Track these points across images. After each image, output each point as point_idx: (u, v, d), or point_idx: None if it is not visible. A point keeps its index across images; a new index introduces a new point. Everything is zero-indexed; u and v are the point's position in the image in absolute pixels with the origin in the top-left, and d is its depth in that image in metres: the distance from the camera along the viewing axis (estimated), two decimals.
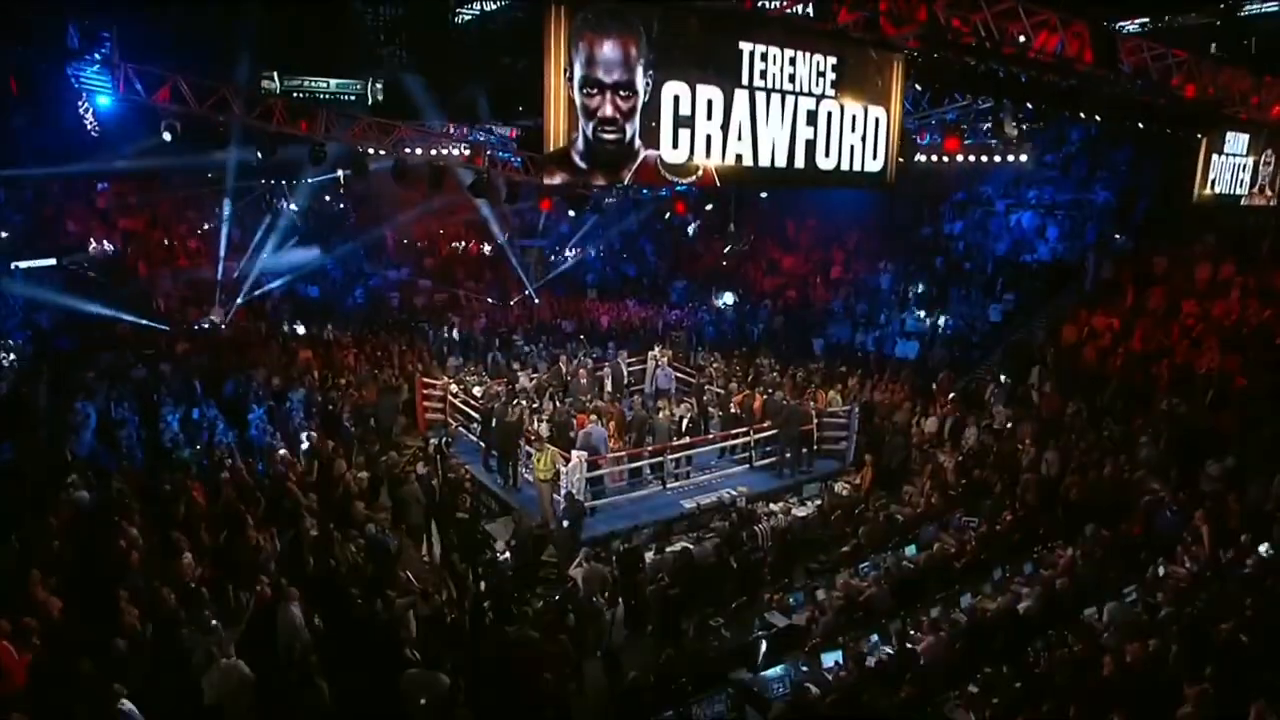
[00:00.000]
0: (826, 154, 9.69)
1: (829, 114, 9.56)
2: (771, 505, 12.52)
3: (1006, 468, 12.75)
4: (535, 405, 14.49)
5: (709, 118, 8.66)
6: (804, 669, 8.16)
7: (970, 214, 22.12)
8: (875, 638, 8.60)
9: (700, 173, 8.66)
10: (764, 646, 8.62)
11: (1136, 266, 17.54)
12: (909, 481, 13.51)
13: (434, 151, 13.97)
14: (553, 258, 29.37)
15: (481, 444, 14.35)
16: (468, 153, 13.77)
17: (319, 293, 24.22)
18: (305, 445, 13.15)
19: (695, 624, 9.14)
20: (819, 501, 12.74)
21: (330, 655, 7.79)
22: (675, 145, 8.53)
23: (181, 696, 7.02)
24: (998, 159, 16.83)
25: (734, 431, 14.35)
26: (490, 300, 25.50)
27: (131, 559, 8.77)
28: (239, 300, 21.39)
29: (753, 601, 9.64)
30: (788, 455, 14.19)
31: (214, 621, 7.70)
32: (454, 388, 15.61)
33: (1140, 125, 13.00)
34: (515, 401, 13.86)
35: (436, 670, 7.21)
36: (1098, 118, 12.82)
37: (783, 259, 24.83)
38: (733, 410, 14.80)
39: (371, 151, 12.58)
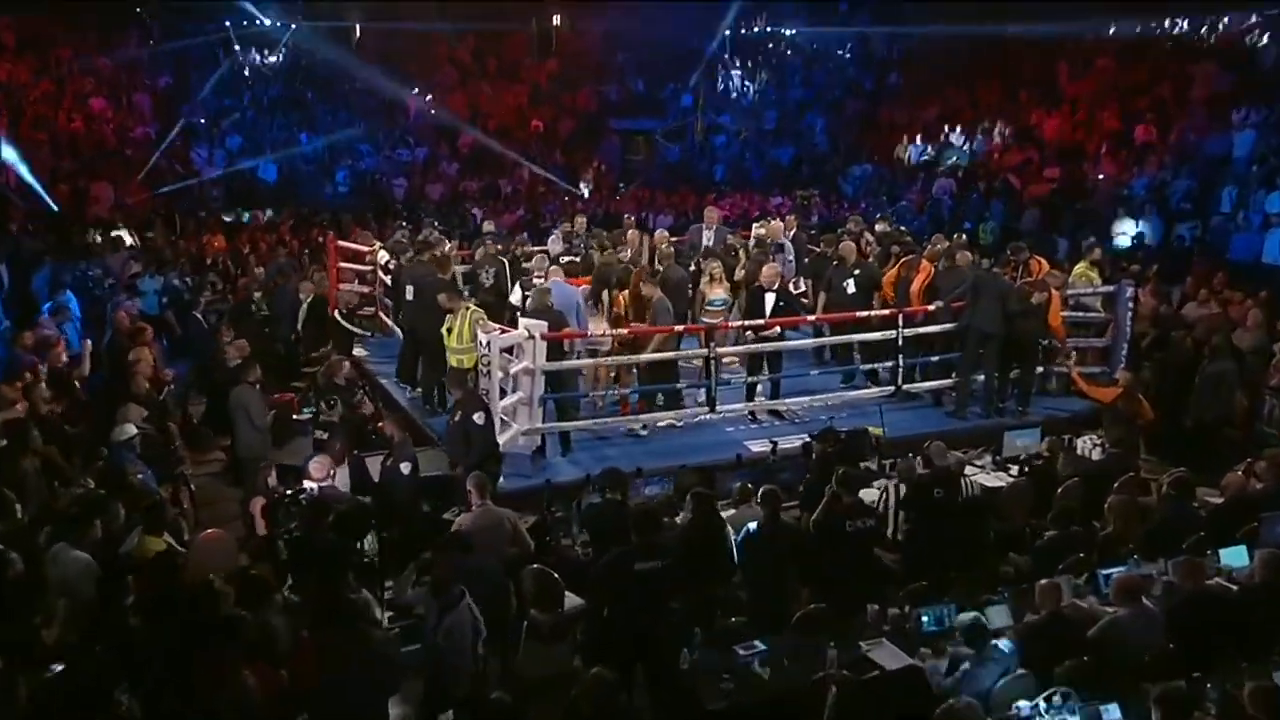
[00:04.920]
0: None
1: None
2: None
3: None
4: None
5: None
6: None
7: None
8: (1114, 709, 6.86)
9: None
10: (834, 696, 6.50)
11: None
12: (1244, 450, 11.59)
13: None
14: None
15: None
16: None
17: (277, 174, 25.62)
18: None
19: (702, 641, 7.56)
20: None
21: None
22: None
23: None
24: None
25: (862, 315, 12.40)
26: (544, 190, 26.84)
27: None
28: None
29: (839, 613, 7.60)
30: (979, 378, 12.46)
31: None
32: (384, 255, 14.21)
33: None
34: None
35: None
36: None
37: (1044, 121, 23.86)
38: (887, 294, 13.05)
39: None
